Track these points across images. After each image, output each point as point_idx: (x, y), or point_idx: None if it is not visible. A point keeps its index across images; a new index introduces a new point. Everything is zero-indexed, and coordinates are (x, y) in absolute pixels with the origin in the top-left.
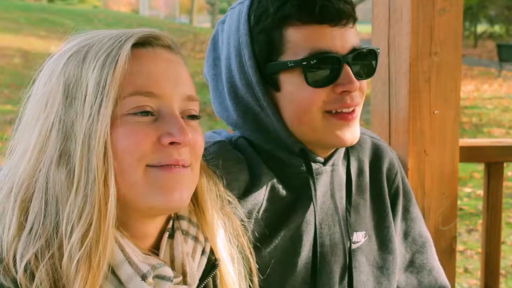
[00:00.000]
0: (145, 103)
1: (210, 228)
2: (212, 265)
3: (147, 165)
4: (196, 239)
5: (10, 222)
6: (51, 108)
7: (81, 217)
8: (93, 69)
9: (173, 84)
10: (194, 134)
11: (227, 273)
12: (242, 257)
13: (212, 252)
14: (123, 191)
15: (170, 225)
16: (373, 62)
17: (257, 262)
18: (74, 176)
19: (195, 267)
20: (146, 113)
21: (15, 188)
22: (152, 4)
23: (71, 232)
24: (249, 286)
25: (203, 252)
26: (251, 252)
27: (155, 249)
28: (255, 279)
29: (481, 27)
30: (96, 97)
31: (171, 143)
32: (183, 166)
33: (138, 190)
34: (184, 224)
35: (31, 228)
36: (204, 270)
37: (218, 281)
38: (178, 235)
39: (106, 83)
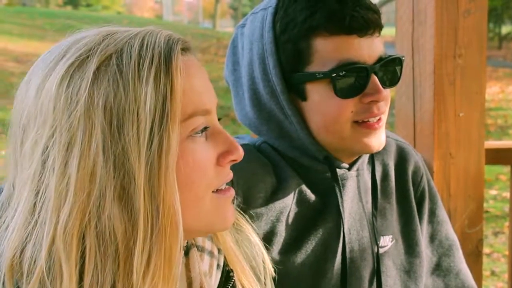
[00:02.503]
0: (202, 121)
1: (222, 237)
2: (226, 277)
3: (212, 192)
4: (211, 254)
5: (67, 284)
6: (87, 138)
7: (149, 270)
8: (144, 88)
9: (212, 94)
10: None
11: (246, 281)
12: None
13: (225, 263)
14: (190, 224)
15: (185, 242)
16: (398, 71)
17: (287, 267)
18: (137, 221)
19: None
20: (201, 131)
21: (62, 243)
22: (176, 9)
23: None
24: None
25: (217, 265)
26: (265, 258)
27: None
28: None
29: (506, 28)
30: (154, 124)
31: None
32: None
33: (207, 219)
34: (199, 238)
35: None
36: (219, 284)
37: None
38: (194, 252)
39: (165, 107)
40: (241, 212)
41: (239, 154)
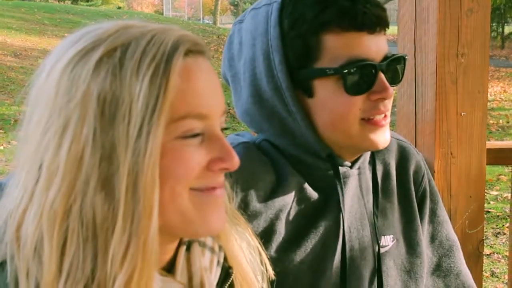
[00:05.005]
0: (196, 125)
1: (224, 234)
2: (226, 274)
3: (190, 189)
4: (212, 250)
5: (48, 264)
6: (80, 124)
7: (126, 258)
8: (140, 84)
9: (216, 101)
10: None
11: (245, 280)
12: (260, 261)
13: (225, 259)
14: (171, 220)
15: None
16: (401, 69)
17: (286, 265)
18: (118, 209)
19: (214, 284)
20: (195, 135)
21: (47, 220)
22: (176, 5)
23: (115, 277)
24: None
25: (218, 262)
26: (262, 255)
27: (170, 263)
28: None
29: (509, 28)
30: (144, 120)
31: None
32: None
33: (186, 217)
34: None
35: (68, 275)
36: (218, 280)
37: None
38: (196, 248)
39: (157, 105)
40: (240, 212)
41: (233, 163)
